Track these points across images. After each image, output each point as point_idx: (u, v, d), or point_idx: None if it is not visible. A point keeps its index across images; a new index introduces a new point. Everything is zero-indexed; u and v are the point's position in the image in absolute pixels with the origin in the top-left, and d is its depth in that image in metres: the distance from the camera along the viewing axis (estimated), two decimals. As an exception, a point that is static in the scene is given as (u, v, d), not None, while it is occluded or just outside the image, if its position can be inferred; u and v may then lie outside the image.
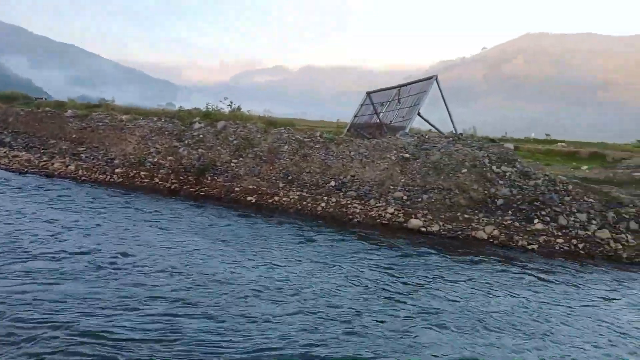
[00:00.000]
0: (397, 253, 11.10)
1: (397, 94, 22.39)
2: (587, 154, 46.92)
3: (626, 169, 38.55)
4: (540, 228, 12.90)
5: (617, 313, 8.28)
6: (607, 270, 10.89)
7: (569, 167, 38.21)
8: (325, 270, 9.41)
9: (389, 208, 14.44)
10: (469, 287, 9.03)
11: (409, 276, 9.45)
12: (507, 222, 13.24)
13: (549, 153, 47.63)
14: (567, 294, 9.09)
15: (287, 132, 18.87)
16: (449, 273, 9.82)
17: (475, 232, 13.02)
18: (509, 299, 8.51)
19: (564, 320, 7.75)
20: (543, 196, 13.86)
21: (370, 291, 8.43)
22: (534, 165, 30.19)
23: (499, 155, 15.88)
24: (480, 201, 14.21)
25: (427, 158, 15.94)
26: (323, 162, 16.75)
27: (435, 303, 8.05)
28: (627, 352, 6.80)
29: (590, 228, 12.80)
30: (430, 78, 21.20)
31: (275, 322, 6.85)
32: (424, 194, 14.74)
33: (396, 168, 15.94)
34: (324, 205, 15.02)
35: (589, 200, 13.84)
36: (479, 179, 14.78)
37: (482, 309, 7.95)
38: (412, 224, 13.63)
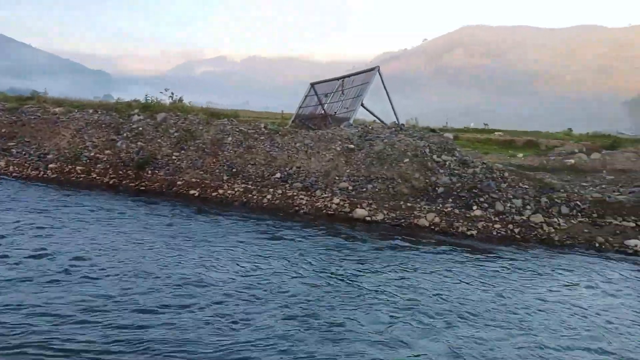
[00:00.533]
0: (344, 243, 11.22)
1: (340, 85, 22.52)
2: (523, 143, 49.08)
3: (558, 156, 40.63)
4: (479, 214, 13.39)
5: (555, 291, 8.71)
6: (541, 253, 11.44)
7: (505, 155, 39.84)
8: (275, 264, 9.36)
9: (334, 198, 14.55)
10: (413, 274, 9.24)
11: (356, 265, 9.57)
12: (448, 209, 13.65)
13: (487, 142, 49.42)
14: (503, 276, 9.48)
15: (230, 123, 18.58)
16: (393, 261, 10.01)
17: (418, 220, 13.35)
18: (452, 284, 8.77)
19: (500, 301, 8.07)
20: (481, 183, 14.37)
21: (322, 283, 8.47)
22: (474, 154, 31.30)
23: (439, 144, 16.32)
24: (422, 190, 14.57)
25: (371, 148, 16.15)
26: (268, 153, 16.64)
27: (383, 292, 8.19)
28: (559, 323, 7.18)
29: (525, 213, 13.40)
30: (373, 69, 21.46)
31: (239, 324, 6.75)
32: (369, 183, 14.94)
33: (341, 159, 16.06)
34: (269, 197, 14.94)
35: (524, 186, 14.48)
36: (420, 168, 15.13)
37: (426, 294, 8.15)
38: (357, 214, 13.80)
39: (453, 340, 6.50)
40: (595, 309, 8.03)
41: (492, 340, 6.58)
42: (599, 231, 12.74)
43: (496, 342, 6.55)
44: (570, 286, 9.16)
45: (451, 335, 6.66)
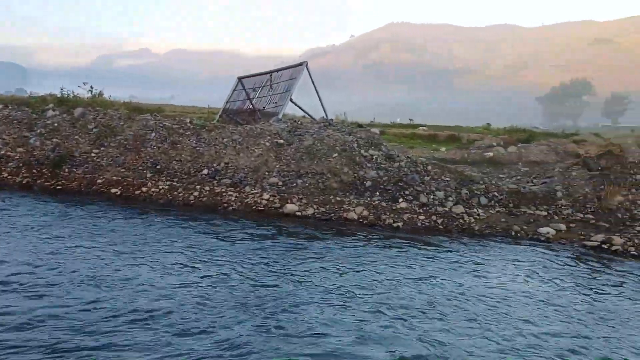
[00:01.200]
0: (274, 238, 11.16)
1: (269, 79, 22.37)
2: (445, 137, 51.09)
3: (478, 149, 42.65)
4: (405, 207, 13.78)
5: (474, 277, 9.13)
6: (462, 242, 11.95)
7: (430, 149, 41.33)
8: (203, 264, 9.14)
9: (264, 194, 14.44)
10: (343, 268, 9.35)
11: (287, 261, 9.54)
12: (375, 203, 13.95)
13: (412, 136, 51.04)
14: (427, 265, 9.81)
15: (154, 118, 17.94)
16: (323, 255, 10.09)
17: (347, 214, 13.53)
18: (380, 275, 8.96)
19: (422, 289, 8.35)
20: (406, 177, 14.80)
21: (254, 281, 8.36)
22: (400, 148, 32.15)
23: (366, 139, 16.63)
24: (350, 184, 14.78)
25: (301, 143, 16.17)
26: (194, 149, 16.23)
27: (314, 286, 8.22)
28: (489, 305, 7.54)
29: (447, 204, 13.95)
30: (301, 64, 21.48)
31: (172, 327, 6.50)
32: (299, 178, 14.96)
33: (271, 154, 15.95)
34: (196, 194, 14.59)
35: (446, 179, 15.06)
36: (348, 163, 15.35)
37: (355, 287, 8.28)
38: (288, 209, 13.77)
39: (380, 330, 6.64)
40: (510, 292, 8.49)
41: (416, 327, 6.79)
42: (514, 220, 13.49)
43: (420, 327, 6.77)
44: (488, 273, 9.64)
45: (378, 326, 6.79)
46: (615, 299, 8.55)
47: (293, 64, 22.74)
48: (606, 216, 13.53)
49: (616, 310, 7.96)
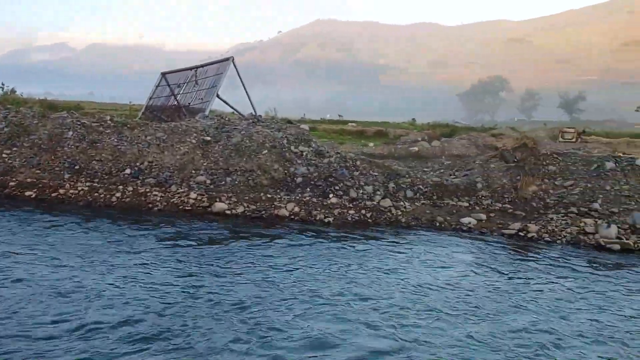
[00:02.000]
0: (203, 238, 10.89)
1: (194, 75, 21.83)
2: (373, 132, 52.25)
3: (404, 144, 43.99)
4: (335, 202, 13.92)
5: (401, 266, 9.37)
6: (390, 234, 12.24)
7: (359, 145, 42.13)
8: (124, 268, 8.74)
9: (191, 193, 14.05)
10: (275, 265, 9.28)
11: (216, 261, 9.33)
12: (306, 199, 13.98)
13: (342, 132, 51.81)
14: (356, 257, 9.96)
15: (71, 116, 16.95)
16: (254, 253, 9.97)
17: (278, 210, 13.45)
18: (313, 269, 8.98)
19: (354, 280, 8.47)
20: (336, 172, 14.95)
21: (181, 285, 8.09)
22: (330, 144, 32.47)
23: (296, 136, 16.61)
24: (281, 180, 14.72)
25: (229, 140, 15.88)
26: (115, 148, 15.50)
27: (244, 285, 8.10)
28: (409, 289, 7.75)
29: (376, 198, 14.24)
30: (227, 59, 21.11)
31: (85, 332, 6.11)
32: (228, 176, 14.69)
33: (197, 152, 15.56)
34: (119, 195, 13.94)
35: (374, 173, 15.37)
36: (279, 159, 15.27)
37: (288, 282, 8.25)
38: (217, 208, 13.48)
39: (318, 324, 6.66)
40: (434, 278, 8.81)
41: (352, 319, 6.87)
42: (438, 211, 14.00)
43: (353, 319, 6.85)
44: (414, 261, 9.94)
45: (310, 320, 6.81)
46: (532, 280, 9.08)
47: (219, 59, 22.30)
48: (522, 205, 14.36)
49: (534, 289, 8.46)
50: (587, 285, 9.03)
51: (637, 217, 12.39)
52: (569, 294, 8.50)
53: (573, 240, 12.05)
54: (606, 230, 12.02)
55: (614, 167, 14.86)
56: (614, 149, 41.87)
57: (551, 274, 9.62)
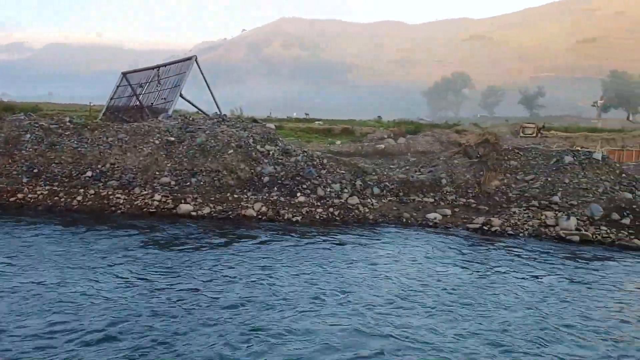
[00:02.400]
0: (168, 241, 10.70)
1: (156, 74, 21.41)
2: (340, 130, 52.45)
3: (370, 142, 44.38)
4: (303, 200, 13.89)
5: (373, 262, 9.42)
6: (358, 231, 12.30)
7: (326, 143, 42.25)
8: (94, 273, 8.50)
9: (156, 195, 13.79)
10: (243, 265, 9.20)
11: (182, 264, 9.18)
12: (274, 198, 13.90)
13: (309, 131, 51.83)
14: (326, 255, 9.97)
15: (28, 118, 16.41)
16: (221, 254, 9.86)
17: (245, 211, 13.34)
18: (281, 269, 8.94)
19: (323, 278, 8.47)
20: (303, 171, 14.92)
21: (149, 289, 7.92)
22: (297, 142, 32.41)
23: (262, 135, 16.50)
24: (247, 180, 14.60)
25: (193, 140, 15.65)
26: (76, 150, 15.08)
27: (210, 287, 7.99)
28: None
29: (343, 196, 14.28)
30: (190, 59, 20.80)
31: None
32: (192, 177, 14.48)
33: (161, 152, 15.28)
34: (80, 198, 13.57)
35: (341, 171, 15.41)
36: (245, 159, 15.14)
37: (258, 282, 8.18)
38: (182, 209, 13.27)
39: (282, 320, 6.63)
40: (400, 272, 8.90)
41: (326, 315, 6.86)
42: (405, 208, 14.16)
43: (327, 314, 6.85)
44: (382, 257, 10.02)
45: (280, 316, 6.78)
46: (496, 272, 9.28)
47: (182, 58, 21.94)
48: (486, 200, 14.66)
49: (499, 280, 8.64)
50: (549, 275, 9.29)
51: (594, 209, 12.82)
52: (531, 284, 8.72)
53: (535, 233, 12.38)
54: (566, 222, 12.39)
55: (572, 161, 15.33)
56: (572, 143, 43.32)
57: (514, 266, 9.86)
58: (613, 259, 10.59)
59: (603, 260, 10.53)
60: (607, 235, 12.02)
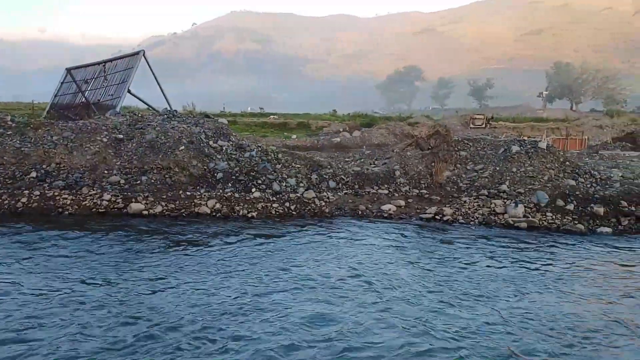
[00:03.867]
0: (117, 242, 10.38)
1: (102, 70, 20.70)
2: (295, 124, 52.40)
3: (326, 135, 44.58)
4: (258, 196, 13.78)
5: (331, 254, 9.46)
6: (315, 225, 12.33)
7: (281, 137, 42.13)
8: (30, 279, 8.15)
9: (105, 195, 13.35)
10: (199, 263, 9.05)
11: (132, 265, 8.94)
12: (228, 194, 13.73)
13: (264, 125, 51.54)
14: (283, 249, 9.94)
15: (-36, 118, 15.53)
16: (175, 253, 9.66)
17: (199, 208, 13.11)
18: (238, 266, 8.85)
19: (282, 273, 8.46)
20: (258, 166, 14.80)
21: (99, 293, 7.66)
22: (252, 137, 32.13)
23: (214, 130, 16.25)
24: (200, 177, 14.36)
25: (143, 137, 15.24)
26: (19, 150, 14.40)
27: (170, 286, 7.82)
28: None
29: (299, 190, 14.27)
30: (137, 53, 20.22)
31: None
32: (143, 175, 14.11)
33: (109, 150, 14.81)
34: (25, 200, 12.97)
35: (297, 166, 15.39)
36: (197, 155, 14.87)
37: (213, 280, 8.07)
38: (133, 209, 12.91)
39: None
40: (355, 264, 8.99)
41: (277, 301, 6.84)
42: (360, 200, 14.29)
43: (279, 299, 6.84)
44: (339, 249, 10.09)
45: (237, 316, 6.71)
46: (448, 260, 9.51)
47: (129, 53, 21.29)
48: (438, 190, 14.99)
49: (451, 267, 8.86)
50: (499, 260, 9.60)
51: (540, 196, 13.32)
52: (478, 269, 8.98)
53: (485, 221, 12.76)
54: (514, 209, 12.83)
55: (519, 150, 15.86)
56: (519, 133, 44.90)
57: (465, 253, 10.13)
58: (557, 243, 11.05)
59: (548, 244, 10.97)
60: (553, 221, 12.53)
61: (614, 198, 13.08)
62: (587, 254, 10.32)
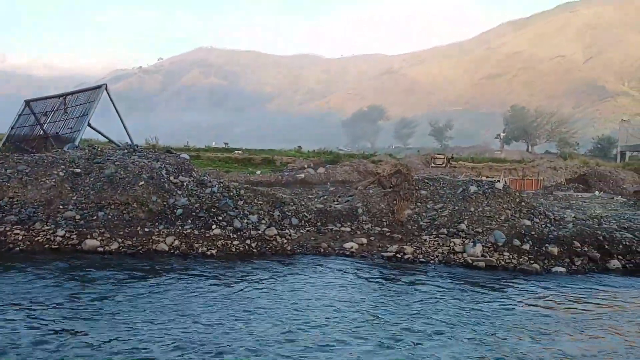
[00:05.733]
0: (69, 280, 9.99)
1: (62, 103, 20.33)
2: (260, 160, 52.42)
3: (291, 171, 44.72)
4: (218, 233, 13.58)
5: (285, 292, 9.33)
6: (275, 263, 12.20)
7: (246, 173, 42.00)
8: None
9: (59, 230, 12.91)
10: (153, 301, 8.78)
11: (84, 304, 8.59)
12: (187, 231, 13.48)
13: (228, 160, 51.34)
14: (241, 287, 9.76)
15: None
16: (127, 292, 9.35)
17: (157, 245, 12.80)
18: (191, 305, 8.62)
19: (241, 311, 8.28)
20: (219, 202, 14.64)
21: (43, 334, 7.30)
22: (215, 173, 31.84)
23: (176, 165, 16.08)
24: (160, 213, 14.08)
25: (101, 172, 14.92)
26: (-32, 183, 13.83)
27: (119, 328, 7.52)
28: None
29: (261, 227, 14.14)
30: (100, 87, 20.00)
31: None
32: (100, 210, 13.74)
33: (66, 185, 14.41)
34: (-28, 236, 12.39)
35: (259, 202, 15.30)
36: (157, 191, 14.63)
37: (164, 320, 7.82)
38: (88, 245, 12.50)
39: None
40: (313, 302, 8.91)
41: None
42: (323, 237, 14.27)
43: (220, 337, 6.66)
44: (298, 288, 9.99)
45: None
46: (406, 298, 9.54)
47: (91, 86, 21.04)
48: (399, 228, 15.13)
49: (410, 306, 8.88)
50: (457, 300, 9.69)
51: (497, 236, 13.63)
52: (437, 309, 9.03)
53: (445, 260, 12.91)
54: (472, 249, 13.06)
55: (476, 190, 16.27)
56: (478, 172, 46.20)
57: (423, 292, 10.20)
58: (514, 283, 11.26)
59: (504, 284, 11.17)
60: (510, 260, 12.79)
61: (567, 238, 13.49)
62: (542, 293, 10.54)
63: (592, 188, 36.64)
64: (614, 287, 11.18)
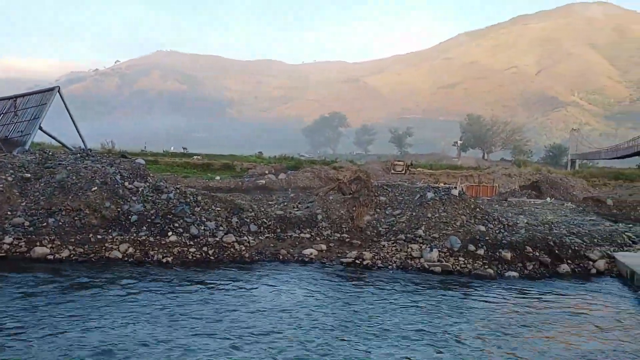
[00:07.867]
0: (15, 290, 9.56)
1: (12, 105, 19.53)
2: (220, 166, 51.80)
3: (251, 177, 44.34)
4: (174, 240, 13.31)
5: (247, 300, 9.21)
6: (232, 270, 12.05)
7: (205, 178, 41.36)
8: None
9: (6, 237, 12.39)
10: (102, 312, 8.49)
11: (30, 315, 8.23)
12: (142, 238, 13.15)
13: (187, 165, 50.50)
14: (197, 295, 9.59)
15: None
16: (77, 301, 9.02)
17: (110, 253, 12.43)
18: (148, 315, 8.39)
19: (195, 320, 8.12)
20: (175, 209, 14.36)
21: None
22: (173, 178, 31.24)
23: (131, 171, 15.68)
24: (113, 219, 13.69)
25: (52, 177, 14.41)
26: None
27: (70, 340, 7.23)
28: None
29: (219, 234, 13.94)
30: (52, 89, 19.34)
31: None
32: (50, 217, 13.25)
33: (14, 190, 13.84)
34: None
35: (217, 208, 15.08)
36: (111, 197, 14.22)
37: (114, 332, 7.58)
38: (37, 253, 12.03)
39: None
40: (276, 309, 8.84)
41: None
42: (282, 244, 14.19)
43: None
44: (255, 295, 9.89)
45: None
46: (365, 302, 9.58)
47: (43, 89, 20.32)
48: (358, 234, 15.22)
49: (368, 311, 8.92)
50: (412, 303, 9.81)
51: (453, 241, 13.90)
52: (392, 314, 9.13)
53: (402, 265, 13.05)
54: (429, 254, 13.26)
55: (433, 197, 16.55)
56: (436, 179, 47.11)
57: (379, 298, 10.28)
58: (468, 287, 11.49)
59: (459, 288, 11.38)
60: (465, 265, 13.05)
61: (520, 244, 13.88)
62: (495, 297, 10.80)
63: (544, 194, 37.91)
64: (563, 290, 11.57)
